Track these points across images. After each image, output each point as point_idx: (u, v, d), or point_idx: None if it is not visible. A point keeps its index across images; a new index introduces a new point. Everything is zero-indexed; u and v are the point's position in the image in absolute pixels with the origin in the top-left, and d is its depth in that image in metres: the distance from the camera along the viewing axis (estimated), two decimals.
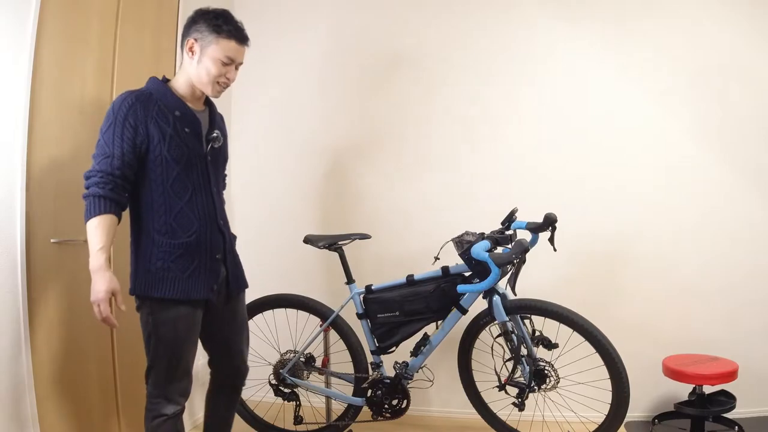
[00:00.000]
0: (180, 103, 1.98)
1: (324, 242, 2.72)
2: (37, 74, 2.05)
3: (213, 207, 2.05)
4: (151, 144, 1.89)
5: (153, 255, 1.93)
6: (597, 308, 2.73)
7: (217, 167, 2.11)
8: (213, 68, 1.96)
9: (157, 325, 1.95)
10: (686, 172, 3.07)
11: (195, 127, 2.00)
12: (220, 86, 2.02)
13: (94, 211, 1.81)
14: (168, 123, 1.92)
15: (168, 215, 1.93)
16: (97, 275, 1.79)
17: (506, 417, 2.69)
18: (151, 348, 1.97)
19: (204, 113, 2.09)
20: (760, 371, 2.98)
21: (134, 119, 1.87)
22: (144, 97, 1.92)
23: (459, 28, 3.24)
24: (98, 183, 1.83)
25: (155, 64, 2.75)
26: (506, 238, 2.46)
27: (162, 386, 1.98)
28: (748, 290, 3.03)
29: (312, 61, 3.37)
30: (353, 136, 3.34)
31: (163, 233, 1.93)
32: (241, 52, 2.03)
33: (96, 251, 1.79)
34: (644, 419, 3.03)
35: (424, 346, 2.60)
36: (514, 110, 3.20)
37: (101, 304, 1.78)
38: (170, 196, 1.93)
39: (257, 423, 2.88)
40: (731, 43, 3.04)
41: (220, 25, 1.95)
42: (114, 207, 1.84)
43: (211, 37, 1.95)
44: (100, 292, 1.78)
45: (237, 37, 1.98)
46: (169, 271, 1.93)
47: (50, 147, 2.14)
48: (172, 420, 1.99)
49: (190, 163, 1.96)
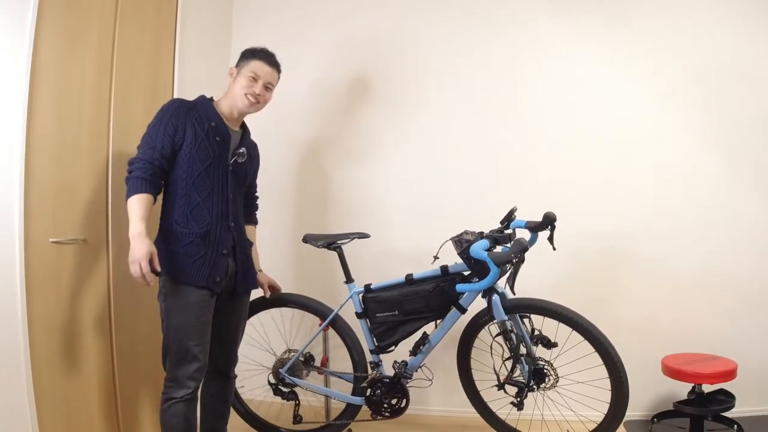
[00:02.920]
0: (218, 117, 2.30)
1: (323, 241, 2.72)
2: (35, 73, 2.05)
3: (227, 209, 2.29)
4: (185, 143, 2.19)
5: (169, 241, 2.19)
6: (596, 307, 2.73)
7: (237, 179, 2.36)
8: (244, 82, 2.31)
9: (168, 310, 2.18)
10: (685, 172, 3.08)
11: (225, 138, 2.29)
12: (248, 99, 2.31)
13: (136, 190, 2.08)
14: (203, 129, 2.23)
15: (187, 207, 2.20)
16: (137, 240, 2.02)
17: (505, 416, 2.68)
18: (165, 333, 2.20)
19: (237, 133, 2.40)
20: (759, 370, 2.98)
21: (176, 120, 2.19)
22: (189, 105, 2.26)
23: (458, 26, 3.24)
24: (141, 168, 2.11)
25: (154, 63, 2.74)
26: (505, 237, 2.46)
27: (173, 370, 2.18)
28: (748, 289, 3.04)
29: (311, 61, 3.38)
30: (353, 136, 3.33)
31: (180, 222, 2.20)
32: (269, 73, 2.35)
33: (137, 220, 2.04)
34: (643, 418, 3.03)
35: (423, 346, 2.60)
36: (514, 110, 3.20)
37: (142, 262, 1.99)
38: (191, 191, 2.21)
39: (256, 422, 2.88)
40: (731, 43, 3.05)
41: (254, 52, 2.35)
42: (152, 188, 2.12)
43: (245, 61, 2.35)
44: (141, 251, 2.00)
45: (265, 59, 2.35)
46: (177, 255, 2.17)
47: (49, 146, 2.13)
48: (181, 403, 2.15)
49: (213, 166, 2.24)
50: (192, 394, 2.18)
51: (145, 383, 2.62)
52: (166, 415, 2.16)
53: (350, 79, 3.35)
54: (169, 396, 2.16)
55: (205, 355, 2.21)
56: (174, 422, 2.16)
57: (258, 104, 2.35)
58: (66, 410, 2.22)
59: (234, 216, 2.33)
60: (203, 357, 2.20)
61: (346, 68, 3.35)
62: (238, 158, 2.35)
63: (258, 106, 2.36)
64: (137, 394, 2.59)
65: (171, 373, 2.18)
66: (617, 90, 3.13)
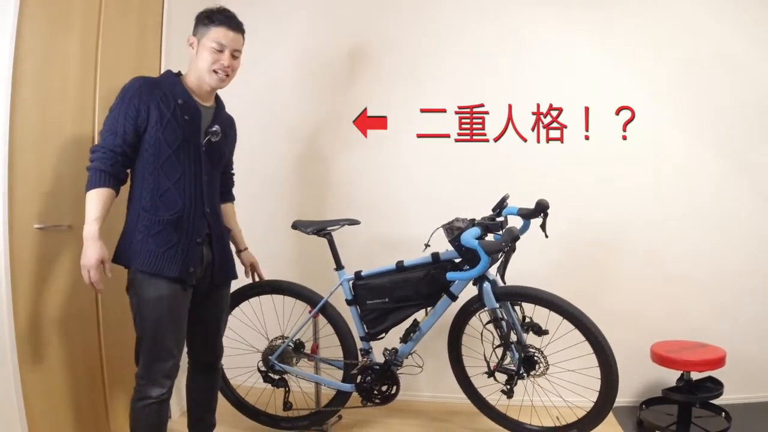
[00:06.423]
0: (185, 93, 2.11)
1: (313, 228, 2.70)
2: (19, 58, 2.01)
3: (201, 193, 2.13)
4: (149, 125, 2.01)
5: (136, 229, 2.04)
6: (587, 295, 2.73)
7: (212, 160, 2.19)
8: (208, 56, 2.09)
9: (141, 303, 2.04)
10: (676, 163, 3.08)
11: (195, 116, 2.11)
12: (218, 74, 2.11)
13: (94, 184, 1.95)
14: (169, 108, 2.04)
15: (155, 192, 2.04)
16: (89, 243, 1.92)
17: (496, 402, 2.69)
18: (138, 328, 2.07)
19: (210, 109, 2.20)
20: (747, 358, 3.00)
21: (138, 101, 2.01)
22: (152, 83, 2.07)
23: (451, 14, 3.19)
24: (101, 158, 1.97)
25: (140, 48, 2.70)
26: (497, 225, 2.45)
27: (147, 366, 2.05)
28: (737, 278, 3.06)
29: (298, 46, 3.33)
30: (343, 121, 3.29)
31: (148, 209, 2.04)
32: (233, 39, 2.12)
33: (91, 220, 1.93)
34: (632, 404, 3.05)
35: (413, 333, 2.59)
36: (506, 97, 3.17)
37: (91, 270, 1.91)
38: (160, 176, 2.04)
39: (246, 409, 2.87)
40: (721, 33, 3.05)
41: (211, 15, 2.10)
42: (113, 182, 1.98)
43: (204, 29, 2.10)
44: (92, 258, 1.90)
45: (227, 23, 2.10)
46: (146, 244, 2.02)
47: (33, 132, 2.10)
48: (156, 404, 2.05)
49: (183, 148, 2.07)
50: (168, 394, 2.07)
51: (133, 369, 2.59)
52: (140, 415, 2.05)
53: (339, 62, 3.30)
54: (144, 395, 2.04)
55: (180, 352, 2.11)
56: (149, 423, 2.05)
57: (229, 77, 2.16)
58: (53, 397, 2.21)
59: (209, 200, 2.17)
60: (179, 353, 2.10)
61: (334, 51, 3.31)
62: (212, 137, 2.16)
63: (230, 79, 2.17)
64: (124, 377, 2.55)
65: (144, 370, 2.05)
66: (607, 80, 3.11)
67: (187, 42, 2.15)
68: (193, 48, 2.14)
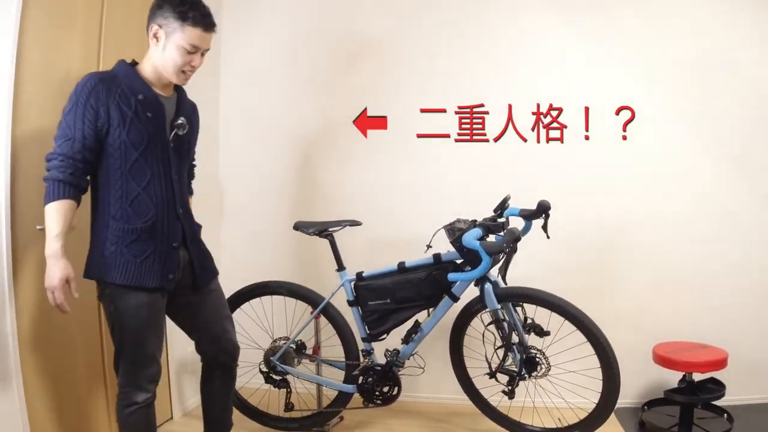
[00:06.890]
0: (145, 87, 1.93)
1: (314, 229, 2.70)
2: (21, 58, 2.01)
3: (172, 194, 2.00)
4: (111, 127, 1.85)
5: (107, 240, 1.90)
6: (588, 297, 2.72)
7: (180, 155, 2.06)
8: (178, 57, 1.92)
9: (119, 314, 1.93)
10: (677, 162, 3.07)
11: (158, 112, 1.95)
12: (185, 75, 1.98)
13: (53, 196, 1.80)
14: (130, 106, 1.87)
15: (124, 200, 1.89)
16: (52, 261, 1.80)
17: (497, 403, 2.69)
18: (117, 337, 1.96)
19: (171, 99, 2.04)
20: (749, 359, 2.99)
21: (96, 101, 1.83)
22: (108, 79, 1.88)
23: (451, 14, 3.19)
24: (58, 167, 1.81)
25: (142, 45, 2.66)
26: (498, 226, 2.44)
27: (131, 374, 1.97)
28: (739, 279, 3.05)
29: (298, 46, 3.32)
30: (343, 121, 3.29)
31: (118, 218, 1.89)
32: (207, 39, 1.97)
33: (52, 237, 1.79)
34: (634, 406, 3.04)
35: (415, 334, 2.59)
36: (506, 97, 3.16)
37: (55, 291, 1.79)
38: (128, 181, 1.89)
39: (248, 410, 2.87)
40: (721, 33, 3.03)
41: (185, 11, 1.89)
42: (73, 192, 1.83)
43: (176, 24, 1.90)
44: (55, 278, 1.79)
45: (203, 24, 1.92)
46: (121, 255, 1.89)
47: (36, 132, 2.09)
48: (143, 409, 1.99)
49: (150, 148, 1.92)
50: (153, 396, 2.01)
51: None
52: (129, 422, 1.98)
53: (338, 62, 3.30)
54: (130, 401, 1.96)
55: (161, 353, 2.05)
56: (139, 428, 1.99)
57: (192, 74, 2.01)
58: (54, 395, 2.21)
59: (181, 201, 2.04)
60: (160, 355, 2.04)
61: (333, 50, 3.30)
62: (179, 130, 2.00)
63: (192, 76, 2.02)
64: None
65: (128, 378, 1.97)
66: (607, 80, 3.10)
67: (149, 31, 1.93)
68: (158, 40, 1.92)
